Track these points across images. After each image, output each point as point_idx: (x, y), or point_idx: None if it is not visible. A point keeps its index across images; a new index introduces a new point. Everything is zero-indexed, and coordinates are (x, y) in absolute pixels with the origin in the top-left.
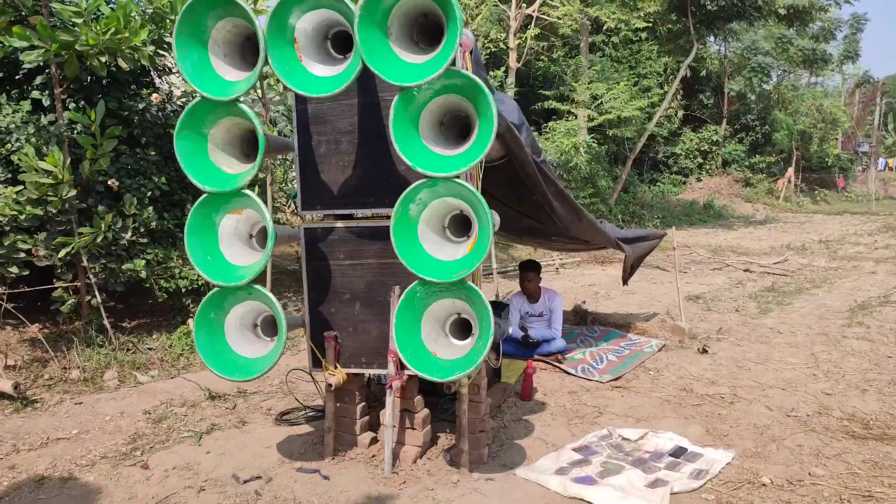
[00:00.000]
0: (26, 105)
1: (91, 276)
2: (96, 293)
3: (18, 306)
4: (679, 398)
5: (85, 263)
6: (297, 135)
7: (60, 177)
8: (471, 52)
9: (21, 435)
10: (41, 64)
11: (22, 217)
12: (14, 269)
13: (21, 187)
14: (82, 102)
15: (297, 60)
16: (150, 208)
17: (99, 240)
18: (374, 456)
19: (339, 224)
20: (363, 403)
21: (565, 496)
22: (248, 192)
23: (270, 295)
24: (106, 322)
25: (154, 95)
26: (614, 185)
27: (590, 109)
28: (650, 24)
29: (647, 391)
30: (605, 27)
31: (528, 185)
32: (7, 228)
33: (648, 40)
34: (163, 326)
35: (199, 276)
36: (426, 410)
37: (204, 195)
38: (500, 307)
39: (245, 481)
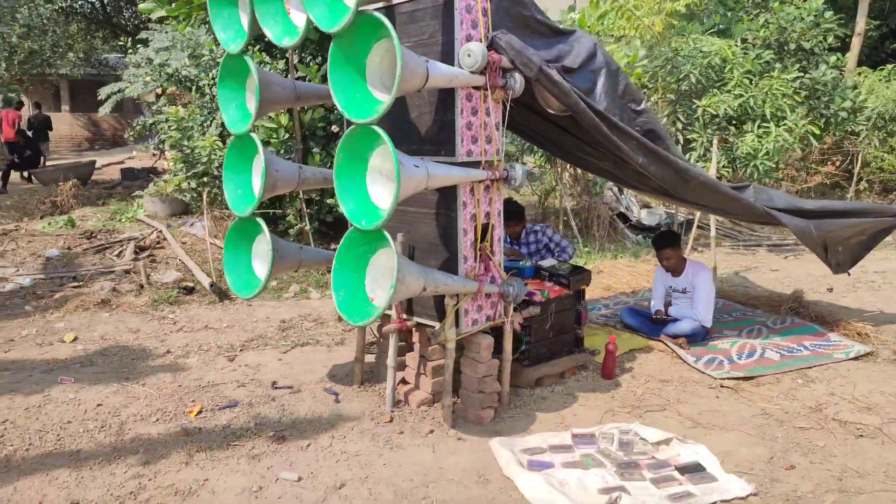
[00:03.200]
0: (280, 64)
1: (306, 207)
2: (307, 221)
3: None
4: (787, 417)
5: (301, 196)
6: None
7: (279, 122)
8: None
9: (192, 320)
10: None
11: None
12: None
13: None
14: (319, 59)
15: (284, 13)
16: None
17: None
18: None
19: None
20: (402, 344)
21: (502, 473)
22: (252, 135)
23: (264, 226)
24: (313, 246)
25: None
26: None
27: None
28: None
29: (757, 399)
30: None
31: (597, 137)
32: None
33: None
34: None
35: None
36: (442, 360)
37: (232, 136)
38: (578, 272)
39: (277, 387)
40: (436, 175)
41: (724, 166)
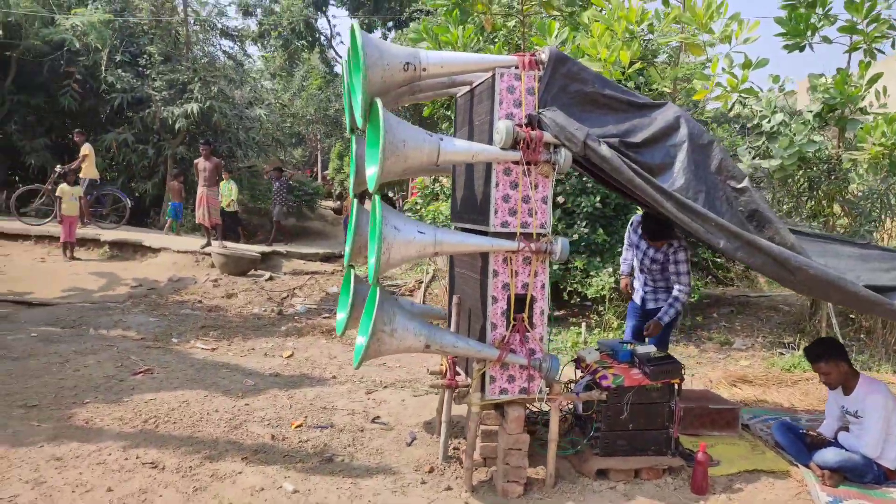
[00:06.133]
0: None
1: None
2: None
3: None
4: None
5: None
6: None
7: None
8: (542, 67)
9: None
10: None
11: None
12: None
13: None
14: None
15: None
16: (584, 222)
17: None
18: (460, 449)
19: None
20: None
21: None
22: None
23: (352, 274)
24: None
25: None
26: None
27: None
28: None
29: None
30: None
31: (668, 217)
32: None
33: None
34: (567, 321)
35: (603, 286)
36: (494, 426)
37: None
38: (664, 362)
39: (375, 421)
40: (444, 241)
41: None
